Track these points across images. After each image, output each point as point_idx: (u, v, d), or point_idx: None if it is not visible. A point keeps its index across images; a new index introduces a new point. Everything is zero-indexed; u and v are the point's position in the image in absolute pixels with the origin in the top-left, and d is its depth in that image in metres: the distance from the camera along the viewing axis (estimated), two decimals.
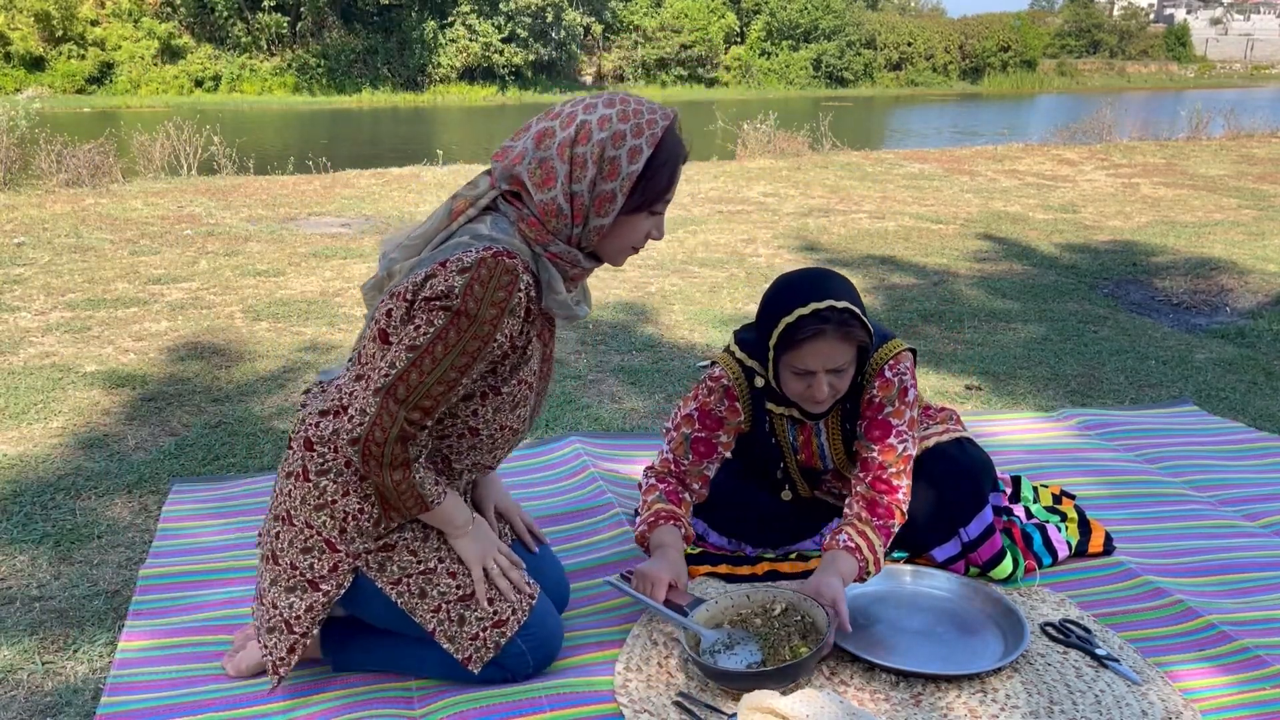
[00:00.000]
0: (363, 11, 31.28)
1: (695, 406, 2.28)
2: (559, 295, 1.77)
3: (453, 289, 1.65)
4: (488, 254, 1.66)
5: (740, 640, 1.99)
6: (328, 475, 1.82)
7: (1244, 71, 50.96)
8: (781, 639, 1.98)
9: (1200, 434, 3.28)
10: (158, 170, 8.93)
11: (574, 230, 1.75)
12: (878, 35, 39.45)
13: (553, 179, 1.70)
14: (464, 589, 1.87)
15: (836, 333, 2.04)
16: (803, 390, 2.11)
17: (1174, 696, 1.95)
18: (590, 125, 1.70)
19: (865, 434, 2.20)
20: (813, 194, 8.17)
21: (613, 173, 1.70)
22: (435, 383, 1.69)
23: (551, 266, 1.76)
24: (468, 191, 1.78)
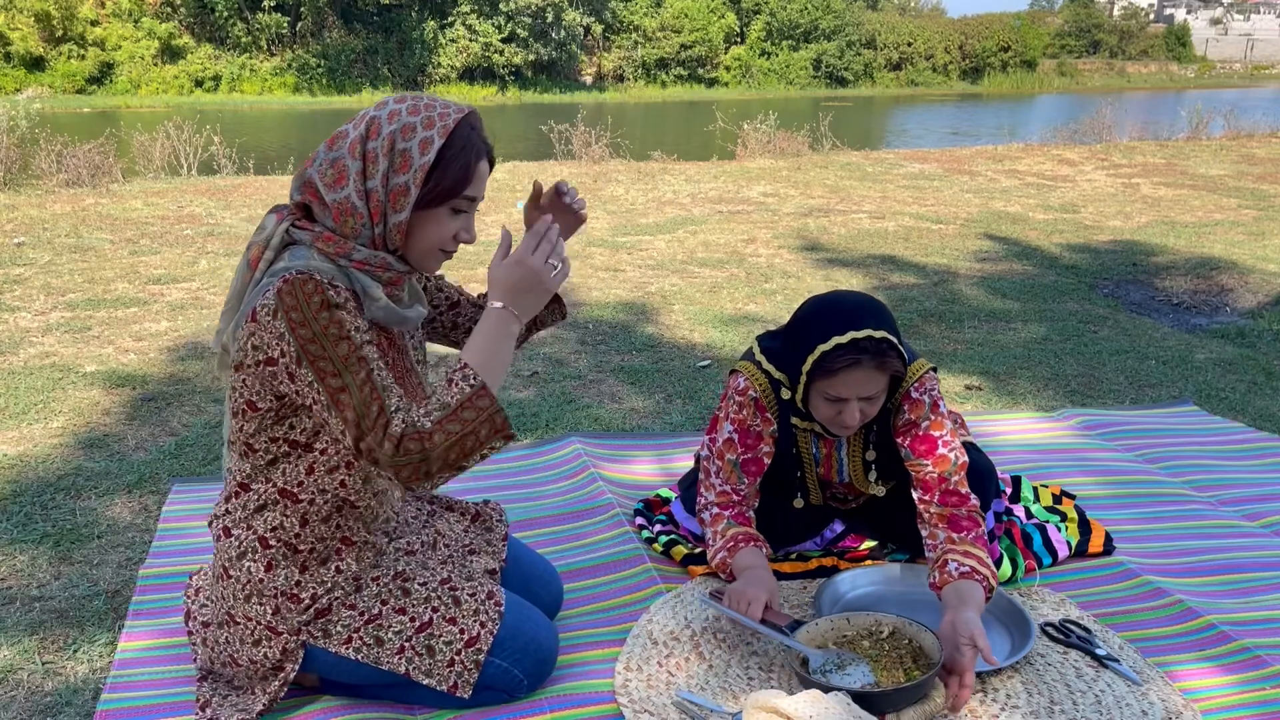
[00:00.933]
0: (363, 11, 31.28)
1: (732, 428, 2.22)
2: (379, 302, 1.69)
3: (282, 335, 1.60)
4: (280, 283, 1.60)
5: (850, 661, 1.91)
6: (245, 557, 1.77)
7: (1244, 71, 50.95)
8: (894, 661, 1.92)
9: (1200, 434, 3.28)
10: (158, 170, 8.93)
11: (375, 230, 1.68)
12: (878, 35, 39.44)
13: (344, 177, 1.66)
14: (418, 620, 1.79)
15: (873, 363, 2.01)
16: (833, 416, 2.10)
17: (1174, 696, 1.95)
18: (380, 120, 1.67)
19: (913, 453, 2.16)
20: (813, 194, 8.17)
21: (404, 165, 1.65)
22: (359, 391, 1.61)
23: (362, 276, 1.68)
24: (258, 237, 1.71)
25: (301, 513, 1.76)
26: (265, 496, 1.76)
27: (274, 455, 1.74)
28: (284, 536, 1.77)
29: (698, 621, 2.17)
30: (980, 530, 2.11)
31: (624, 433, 3.23)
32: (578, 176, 8.79)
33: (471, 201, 1.73)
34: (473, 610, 1.82)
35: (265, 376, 1.65)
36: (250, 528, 1.78)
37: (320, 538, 1.78)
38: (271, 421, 1.71)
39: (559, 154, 10.23)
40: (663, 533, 2.50)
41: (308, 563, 1.78)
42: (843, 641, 1.99)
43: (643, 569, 2.37)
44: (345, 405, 1.60)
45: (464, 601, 1.82)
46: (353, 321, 1.63)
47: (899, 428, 2.18)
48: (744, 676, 2.00)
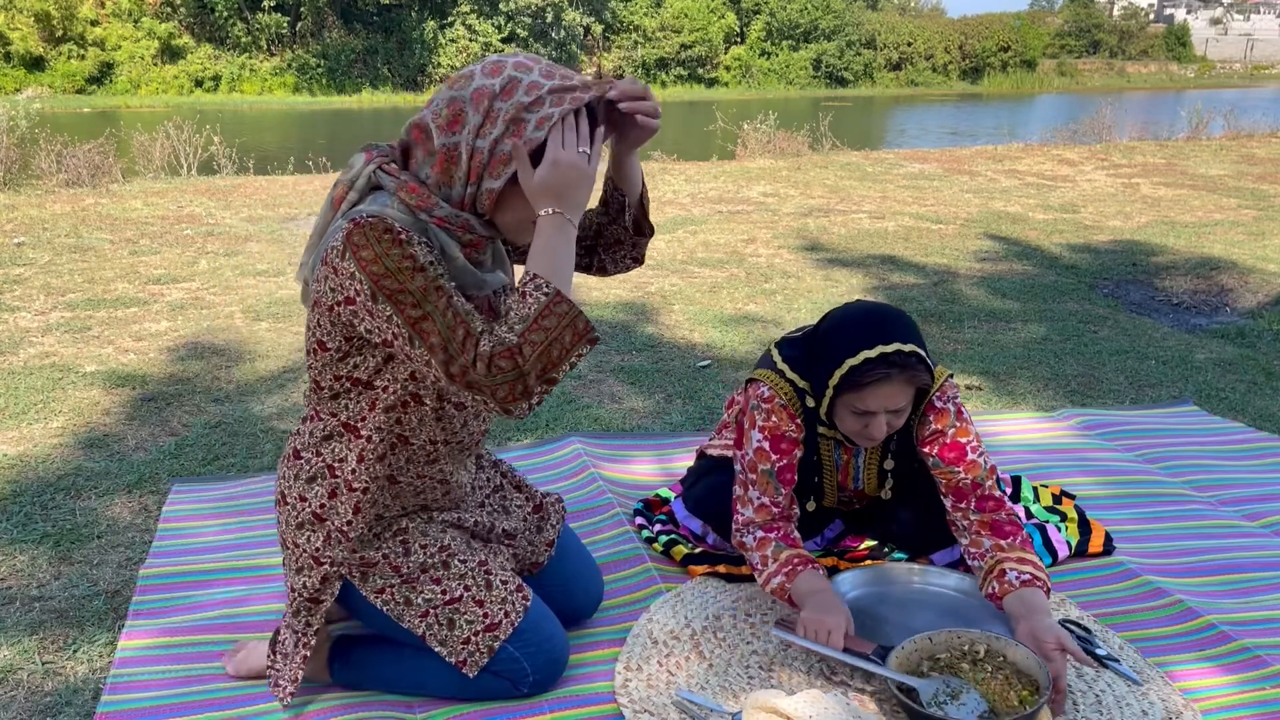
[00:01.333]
0: (363, 11, 31.27)
1: (762, 436, 2.16)
2: (457, 261, 1.67)
3: (355, 275, 1.59)
4: (349, 225, 1.60)
5: (959, 689, 1.86)
6: (315, 482, 1.81)
7: (1244, 71, 50.94)
8: (1000, 684, 1.87)
9: (1200, 434, 3.28)
10: (158, 170, 8.93)
11: (466, 189, 1.65)
12: (878, 35, 39.43)
13: (458, 123, 1.63)
14: (449, 593, 1.84)
15: (902, 377, 2.00)
16: (860, 429, 2.09)
17: (1174, 696, 1.95)
18: (520, 83, 1.62)
19: (942, 461, 2.15)
20: (813, 194, 8.17)
21: (518, 132, 1.62)
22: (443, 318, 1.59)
23: (441, 233, 1.66)
24: (344, 176, 1.71)
25: (359, 450, 1.78)
26: (331, 428, 1.80)
27: (336, 391, 1.76)
28: (344, 471, 1.80)
29: (698, 621, 2.17)
30: (1024, 534, 2.11)
31: (624, 433, 3.23)
32: None
33: None
34: (501, 598, 1.86)
35: (343, 317, 1.65)
36: (319, 454, 1.81)
37: (374, 477, 1.80)
38: (336, 359, 1.72)
39: None
40: (663, 532, 2.50)
41: (360, 504, 1.81)
42: (938, 665, 1.93)
43: (642, 569, 2.37)
44: (429, 333, 1.58)
45: (495, 587, 1.87)
46: (426, 256, 1.60)
47: (925, 437, 2.17)
48: (744, 676, 2.00)
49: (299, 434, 1.86)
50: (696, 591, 2.27)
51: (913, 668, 1.92)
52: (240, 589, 2.29)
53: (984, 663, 1.92)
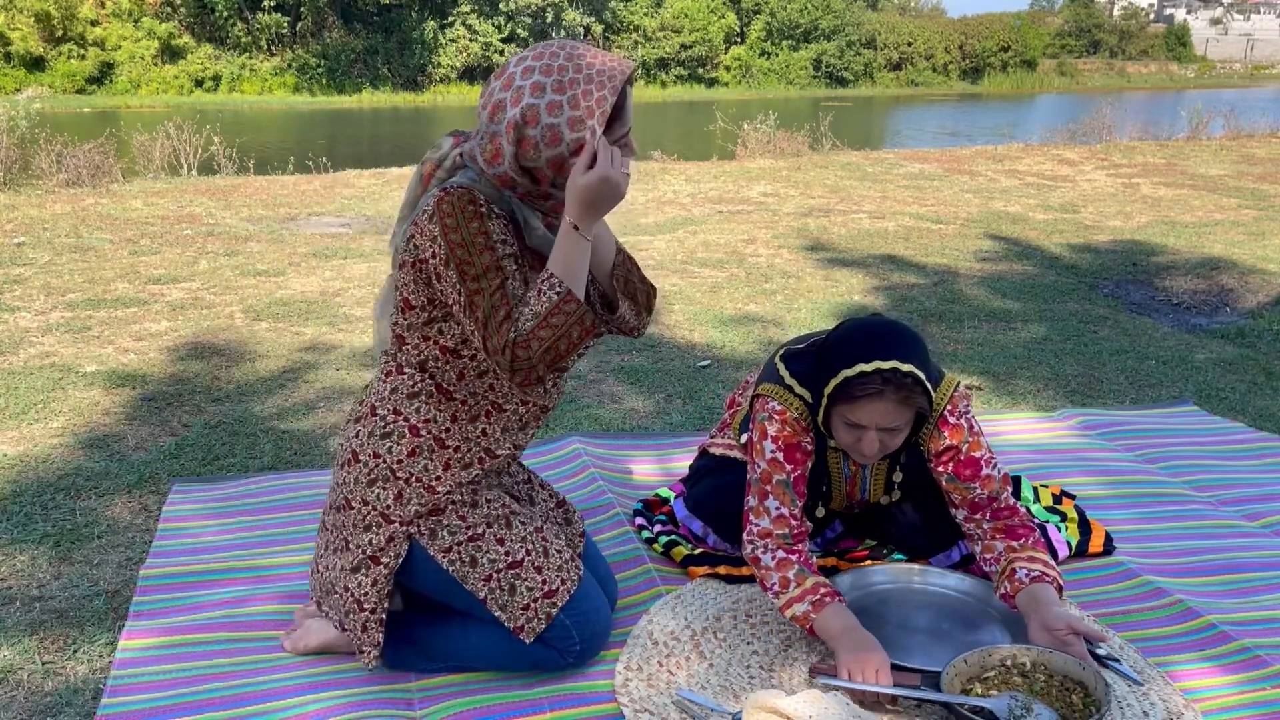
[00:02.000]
0: (363, 11, 31.27)
1: (775, 446, 2.12)
2: (538, 230, 1.83)
3: (434, 239, 1.75)
4: (439, 193, 1.76)
5: (1027, 703, 1.82)
6: (390, 438, 1.88)
7: (1244, 71, 50.94)
8: (1059, 695, 1.86)
9: (1200, 434, 3.28)
10: (158, 170, 8.93)
11: (540, 188, 1.81)
12: (878, 35, 39.43)
13: (500, 156, 1.77)
14: (512, 556, 1.89)
15: (895, 395, 1.98)
16: (852, 442, 2.08)
17: (1175, 697, 1.95)
18: (539, 109, 1.73)
19: (958, 477, 2.13)
20: (813, 194, 8.17)
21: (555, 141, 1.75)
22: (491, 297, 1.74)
23: (524, 205, 1.81)
24: (433, 155, 1.86)
25: (453, 411, 1.89)
26: (421, 386, 1.88)
27: (425, 356, 1.87)
28: (435, 430, 1.88)
29: (698, 622, 2.17)
30: (1036, 535, 2.11)
31: (624, 433, 3.23)
32: None
33: (627, 133, 1.82)
34: (557, 565, 1.92)
35: (423, 274, 1.80)
36: (399, 413, 1.88)
37: (467, 438, 1.90)
38: (423, 321, 1.84)
39: None
40: (663, 533, 2.50)
41: (451, 461, 1.89)
42: (991, 683, 1.90)
43: (642, 569, 2.37)
44: (478, 307, 1.74)
45: (552, 554, 1.93)
46: (500, 234, 1.77)
47: (938, 454, 2.14)
48: (744, 675, 2.00)
49: (376, 391, 1.92)
50: (697, 593, 2.28)
51: (964, 689, 1.89)
52: (241, 589, 2.29)
53: (1034, 674, 1.91)
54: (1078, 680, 1.87)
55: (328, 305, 4.62)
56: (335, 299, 4.74)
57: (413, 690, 1.95)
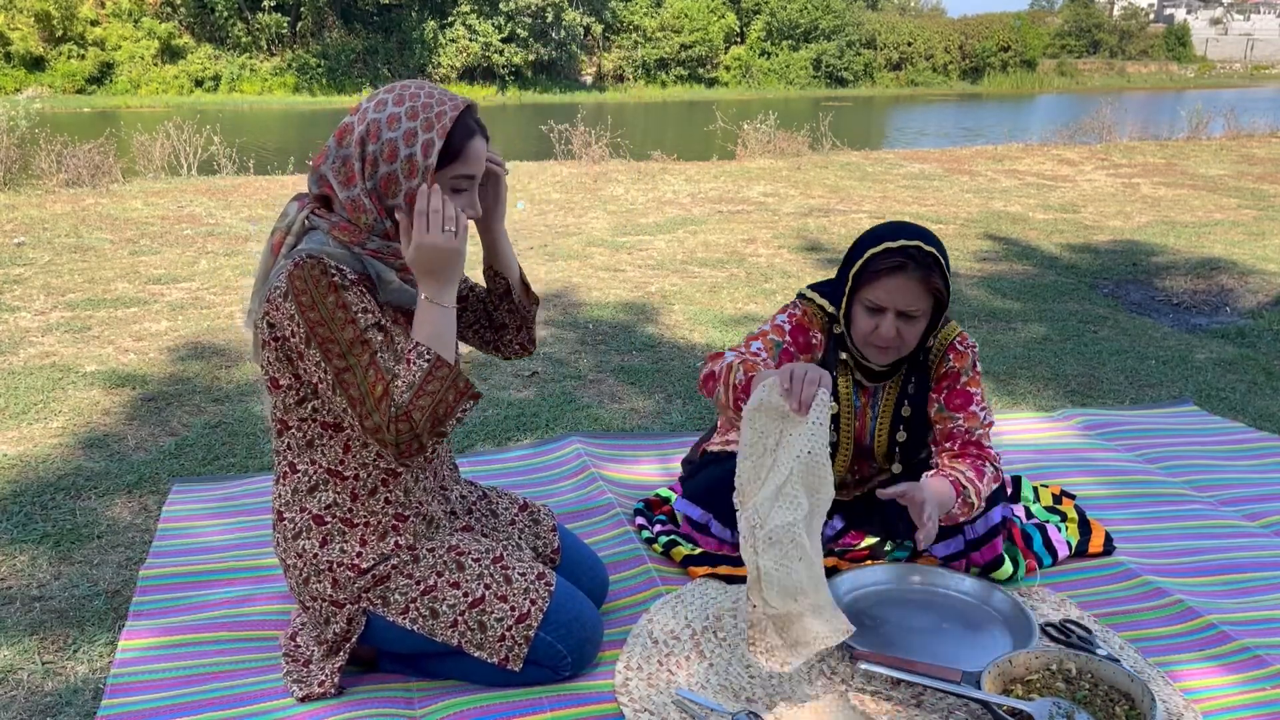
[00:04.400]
0: (363, 11, 31.27)
1: (787, 318, 2.25)
2: (393, 284, 1.80)
3: (293, 316, 1.71)
4: (290, 266, 1.72)
5: (1070, 710, 1.81)
6: (300, 538, 1.87)
7: (1244, 71, 50.95)
8: (1104, 701, 1.85)
9: (1200, 434, 3.28)
10: (158, 170, 8.93)
11: (385, 223, 1.77)
12: (878, 35, 39.44)
13: (354, 177, 1.75)
14: (471, 595, 1.87)
15: (917, 272, 2.05)
16: (870, 330, 2.12)
17: (1175, 697, 1.95)
18: (380, 123, 1.74)
19: (947, 405, 2.24)
20: (813, 194, 8.17)
21: (411, 170, 1.73)
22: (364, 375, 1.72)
23: (376, 262, 1.78)
24: (280, 223, 1.82)
25: (350, 489, 1.86)
26: (315, 477, 1.85)
27: (309, 436, 1.83)
28: (339, 513, 1.86)
29: (698, 621, 2.17)
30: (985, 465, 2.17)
31: (624, 433, 3.23)
32: (578, 176, 8.79)
33: (470, 179, 1.81)
34: (523, 589, 1.89)
35: (280, 354, 1.76)
36: (304, 509, 1.86)
37: (372, 511, 1.87)
38: (295, 401, 1.80)
39: (559, 154, 10.23)
40: (663, 533, 2.50)
41: (366, 536, 1.87)
42: (1032, 687, 1.89)
43: (642, 569, 2.37)
44: (349, 385, 1.72)
45: (515, 580, 1.90)
46: (359, 303, 1.73)
47: (940, 376, 2.24)
48: (744, 675, 2.00)
49: (278, 495, 1.90)
50: (697, 593, 2.28)
51: (1002, 691, 1.88)
52: (241, 589, 2.29)
53: (1078, 682, 1.89)
54: (1124, 692, 1.85)
55: None
56: None
57: (412, 689, 1.95)
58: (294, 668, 1.94)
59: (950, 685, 1.84)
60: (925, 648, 2.06)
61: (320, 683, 1.90)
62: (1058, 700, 1.81)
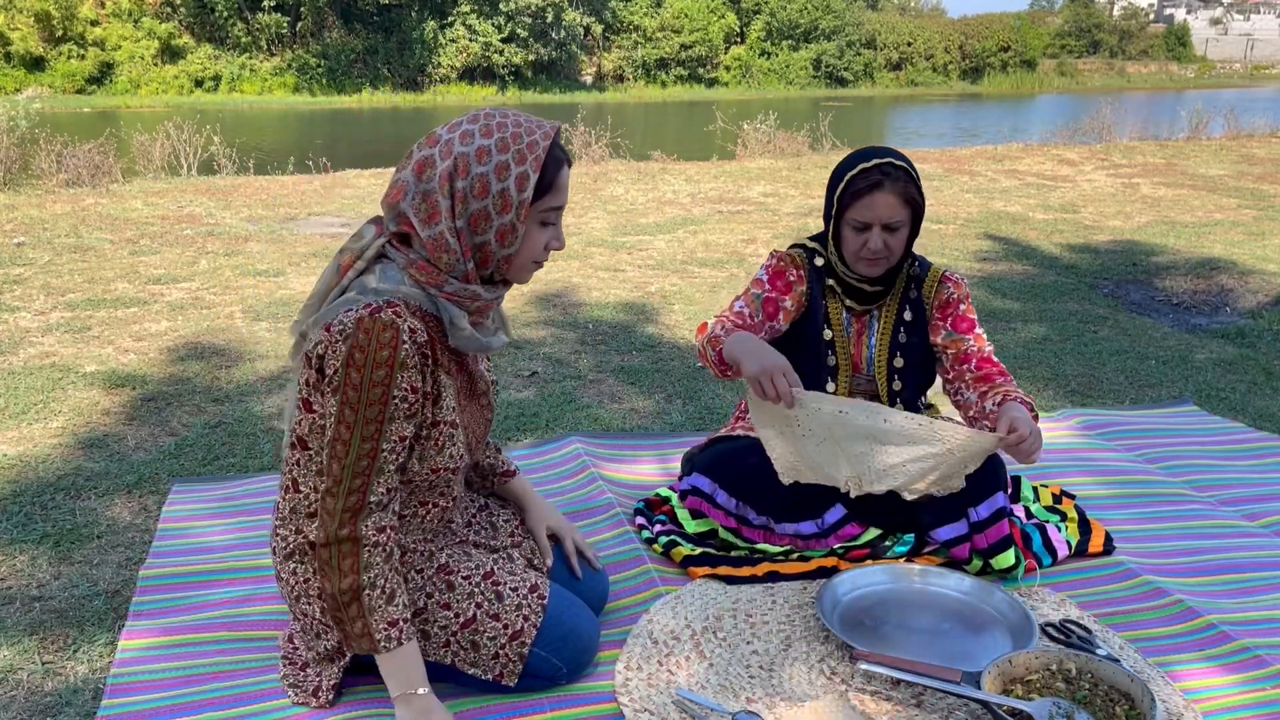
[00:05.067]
0: (363, 11, 31.28)
1: (765, 273, 2.44)
2: (464, 331, 1.73)
3: (338, 362, 1.64)
4: (365, 312, 1.63)
5: (1070, 710, 1.81)
6: (292, 559, 1.84)
7: (1244, 71, 50.96)
8: (1104, 702, 1.84)
9: (1200, 434, 3.28)
10: (158, 170, 8.93)
11: (466, 266, 1.71)
12: (878, 35, 39.45)
13: (437, 214, 1.67)
14: (462, 615, 1.84)
15: (893, 187, 2.24)
16: (859, 247, 2.30)
17: (1175, 697, 1.95)
18: (469, 157, 1.67)
19: (955, 330, 2.40)
20: (813, 194, 8.18)
21: (505, 206, 1.68)
22: (356, 460, 1.66)
23: (451, 306, 1.72)
24: (353, 244, 1.74)
25: None
26: (315, 504, 1.76)
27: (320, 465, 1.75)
28: None
29: (698, 621, 2.17)
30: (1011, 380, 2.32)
31: (624, 433, 3.23)
32: (578, 176, 8.79)
33: (558, 210, 1.77)
34: (515, 605, 1.86)
35: (316, 383, 1.70)
36: (300, 531, 1.82)
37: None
38: (321, 426, 1.73)
39: None
40: (662, 533, 2.50)
41: None
42: (1032, 687, 1.89)
43: (642, 570, 2.37)
44: (337, 456, 1.67)
45: (506, 596, 1.87)
46: (404, 389, 1.66)
47: (940, 304, 2.42)
48: (745, 675, 2.00)
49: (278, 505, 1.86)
50: (697, 593, 2.28)
51: (1002, 692, 1.88)
52: (241, 589, 2.29)
53: (1078, 682, 1.89)
54: (1124, 692, 1.84)
55: None
56: None
57: None
58: (290, 671, 1.93)
59: (950, 685, 1.84)
60: (925, 648, 2.06)
61: (315, 690, 1.88)
62: (1058, 700, 1.81)
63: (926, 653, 2.03)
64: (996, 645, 2.05)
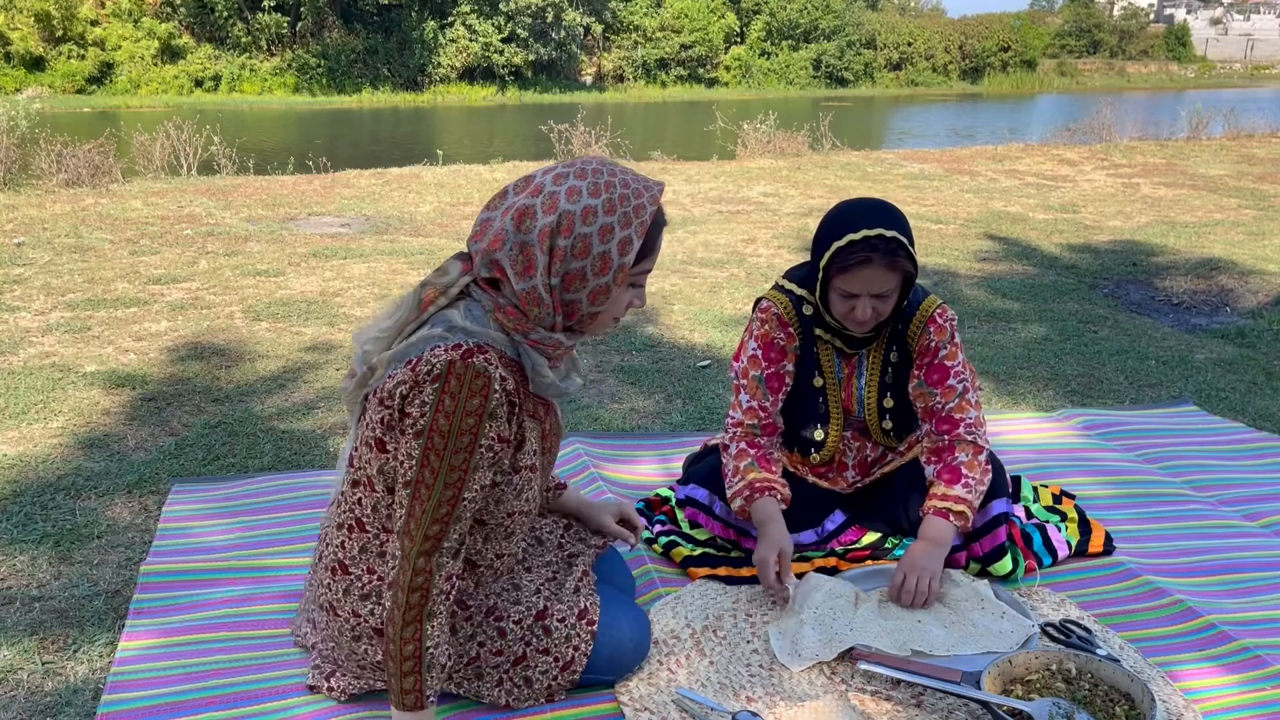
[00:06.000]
0: (363, 11, 31.27)
1: (756, 344, 2.37)
2: (546, 379, 1.71)
3: (425, 405, 1.59)
4: (457, 355, 1.59)
5: (1070, 710, 1.81)
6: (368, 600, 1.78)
7: (1244, 71, 50.97)
8: (1104, 701, 1.84)
9: (1200, 434, 3.28)
10: (158, 170, 8.93)
11: (555, 319, 1.68)
12: (878, 35, 39.45)
13: (533, 268, 1.63)
14: (512, 655, 1.82)
15: (883, 261, 2.14)
16: (847, 311, 2.23)
17: (1175, 697, 1.95)
18: (574, 216, 1.62)
19: (926, 381, 2.33)
20: (813, 194, 8.18)
21: (604, 268, 1.65)
22: (436, 507, 1.62)
23: (534, 353, 1.69)
24: (437, 279, 1.70)
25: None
26: (387, 545, 1.73)
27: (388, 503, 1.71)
28: None
29: (698, 621, 2.17)
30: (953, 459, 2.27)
31: (624, 433, 3.23)
32: None
33: (648, 273, 1.76)
34: (564, 636, 1.85)
35: (392, 423, 1.65)
36: (373, 571, 1.77)
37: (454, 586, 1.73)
38: (393, 467, 1.68)
39: (559, 154, 10.23)
40: (662, 533, 2.50)
41: None
42: (1032, 687, 1.89)
43: (642, 571, 2.37)
44: (419, 499, 1.62)
45: (554, 630, 1.84)
46: (491, 438, 1.63)
47: (920, 350, 2.33)
48: (745, 674, 2.00)
49: (340, 544, 1.79)
50: (697, 593, 2.27)
51: (1002, 692, 1.88)
52: (241, 589, 2.29)
53: (1078, 682, 1.89)
54: (1124, 692, 1.84)
55: (328, 305, 4.62)
56: (335, 299, 4.74)
57: None
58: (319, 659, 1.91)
59: (950, 685, 1.84)
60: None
61: (330, 689, 1.87)
62: (1058, 700, 1.81)
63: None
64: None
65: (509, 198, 1.67)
